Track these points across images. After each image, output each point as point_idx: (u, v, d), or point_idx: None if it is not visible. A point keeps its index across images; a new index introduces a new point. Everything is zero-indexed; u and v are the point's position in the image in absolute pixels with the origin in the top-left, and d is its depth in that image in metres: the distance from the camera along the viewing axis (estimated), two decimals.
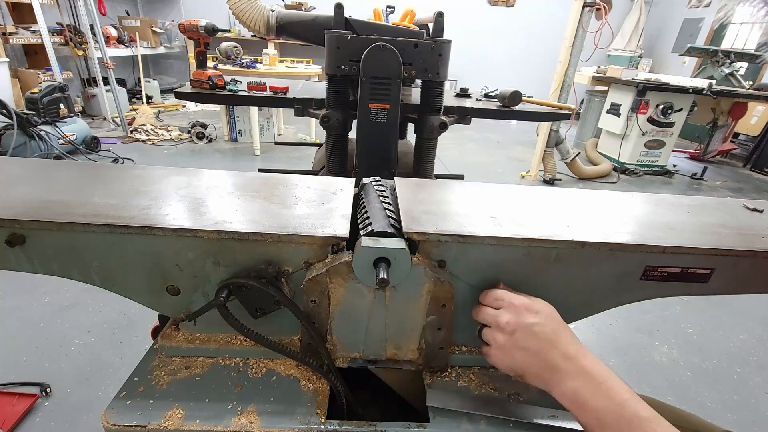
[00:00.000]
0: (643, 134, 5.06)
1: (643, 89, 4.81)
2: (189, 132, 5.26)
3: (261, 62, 4.91)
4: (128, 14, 7.34)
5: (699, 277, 0.71)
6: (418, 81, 1.24)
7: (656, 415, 0.51)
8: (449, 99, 1.60)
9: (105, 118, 5.67)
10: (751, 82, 5.63)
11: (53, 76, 4.84)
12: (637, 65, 8.14)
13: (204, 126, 5.22)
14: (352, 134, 1.25)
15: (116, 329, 2.08)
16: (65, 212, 0.65)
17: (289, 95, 1.42)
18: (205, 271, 0.69)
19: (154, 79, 7.37)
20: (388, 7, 1.80)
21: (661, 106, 4.90)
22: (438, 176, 1.48)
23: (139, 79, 6.53)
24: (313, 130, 5.62)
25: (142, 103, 6.37)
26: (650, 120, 5.00)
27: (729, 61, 5.42)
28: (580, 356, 0.58)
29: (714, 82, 4.93)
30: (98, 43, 5.12)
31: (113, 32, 6.20)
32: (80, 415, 1.62)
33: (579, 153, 4.95)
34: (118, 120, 5.43)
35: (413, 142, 1.38)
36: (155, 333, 0.94)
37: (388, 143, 1.19)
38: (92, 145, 4.42)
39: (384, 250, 0.63)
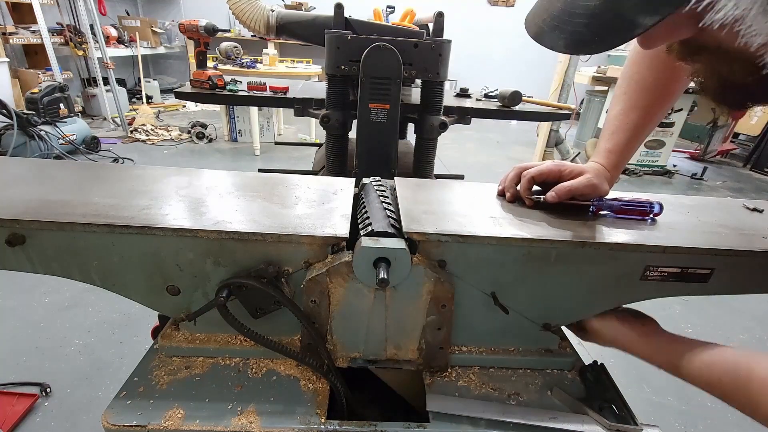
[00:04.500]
0: None
1: None
2: (189, 132, 5.25)
3: (261, 62, 4.91)
4: (128, 14, 7.32)
5: (699, 277, 0.71)
6: (418, 81, 1.24)
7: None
8: (449, 99, 1.60)
9: (105, 118, 5.67)
10: None
11: (53, 76, 4.84)
12: None
13: (204, 126, 5.21)
14: (352, 134, 1.25)
15: (116, 329, 2.08)
16: (65, 212, 0.65)
17: (289, 95, 1.42)
18: (205, 271, 0.69)
19: (154, 79, 7.36)
20: (388, 7, 1.79)
21: None
22: (438, 176, 1.48)
23: (139, 79, 6.53)
24: (313, 130, 5.62)
25: (142, 103, 6.37)
26: None
27: None
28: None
29: None
30: (98, 43, 5.11)
31: (113, 32, 6.19)
32: (80, 415, 1.62)
33: (579, 153, 4.94)
34: (118, 120, 5.42)
35: (413, 142, 1.38)
36: (155, 333, 0.94)
37: (388, 143, 1.19)
38: (92, 145, 4.41)
39: (384, 250, 0.63)
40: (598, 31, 0.39)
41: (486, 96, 1.68)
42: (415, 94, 1.51)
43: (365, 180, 0.88)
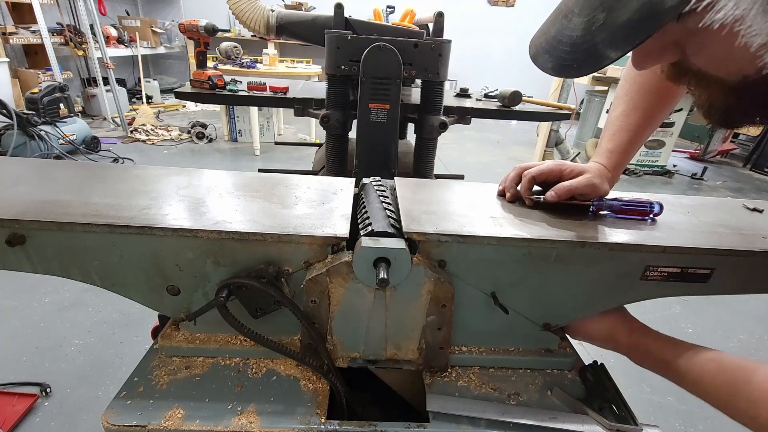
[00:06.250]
0: None
1: None
2: (189, 132, 5.25)
3: (261, 62, 4.91)
4: (128, 14, 7.32)
5: (699, 277, 0.71)
6: (418, 81, 1.24)
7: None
8: (449, 99, 1.60)
9: (105, 118, 5.66)
10: None
11: (53, 76, 4.83)
12: None
13: (204, 126, 5.21)
14: (352, 134, 1.25)
15: (116, 329, 2.08)
16: (65, 212, 0.65)
17: (289, 95, 1.42)
18: (205, 271, 0.69)
19: (154, 79, 7.35)
20: (388, 7, 1.80)
21: None
22: (438, 176, 1.48)
23: (139, 79, 6.52)
24: (313, 130, 5.62)
25: (142, 103, 6.36)
26: None
27: None
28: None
29: None
30: (98, 43, 5.11)
31: (113, 32, 6.19)
32: (80, 415, 1.62)
33: (579, 153, 4.95)
34: (118, 120, 5.42)
35: (413, 142, 1.38)
36: (155, 333, 0.94)
37: (388, 143, 1.19)
38: (92, 145, 4.41)
39: (384, 250, 0.63)
40: (576, 59, 0.45)
41: (486, 96, 1.68)
42: (415, 94, 1.51)
43: (365, 180, 0.88)
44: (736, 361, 0.56)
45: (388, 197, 0.79)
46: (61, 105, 4.40)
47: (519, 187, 0.81)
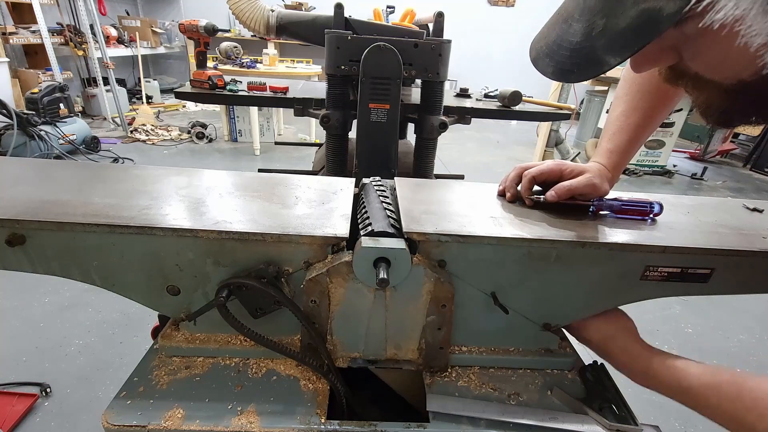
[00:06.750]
0: None
1: None
2: (189, 132, 5.25)
3: (261, 62, 4.91)
4: (128, 14, 7.33)
5: (699, 277, 0.71)
6: (418, 81, 1.25)
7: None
8: (449, 99, 1.60)
9: (105, 118, 5.67)
10: None
11: (53, 76, 4.83)
12: None
13: (204, 126, 5.21)
14: (352, 134, 1.25)
15: (116, 329, 2.08)
16: (65, 212, 0.65)
17: (289, 95, 1.42)
18: (205, 271, 0.69)
19: (154, 79, 7.36)
20: (388, 7, 1.80)
21: None
22: (438, 176, 1.48)
23: (139, 79, 6.53)
24: (313, 130, 5.62)
25: (142, 103, 6.37)
26: None
27: None
28: None
29: None
30: (98, 43, 5.11)
31: (113, 32, 6.19)
32: (80, 415, 1.62)
33: (579, 153, 4.95)
34: (118, 120, 5.42)
35: (413, 142, 1.38)
36: (155, 333, 0.94)
37: (388, 143, 1.19)
38: (92, 145, 4.41)
39: (384, 250, 0.63)
40: (576, 64, 0.45)
41: (486, 96, 1.68)
42: (415, 94, 1.51)
43: (365, 180, 0.88)
44: (725, 375, 0.57)
45: (388, 197, 0.79)
46: (61, 105, 4.40)
47: (519, 187, 0.81)
